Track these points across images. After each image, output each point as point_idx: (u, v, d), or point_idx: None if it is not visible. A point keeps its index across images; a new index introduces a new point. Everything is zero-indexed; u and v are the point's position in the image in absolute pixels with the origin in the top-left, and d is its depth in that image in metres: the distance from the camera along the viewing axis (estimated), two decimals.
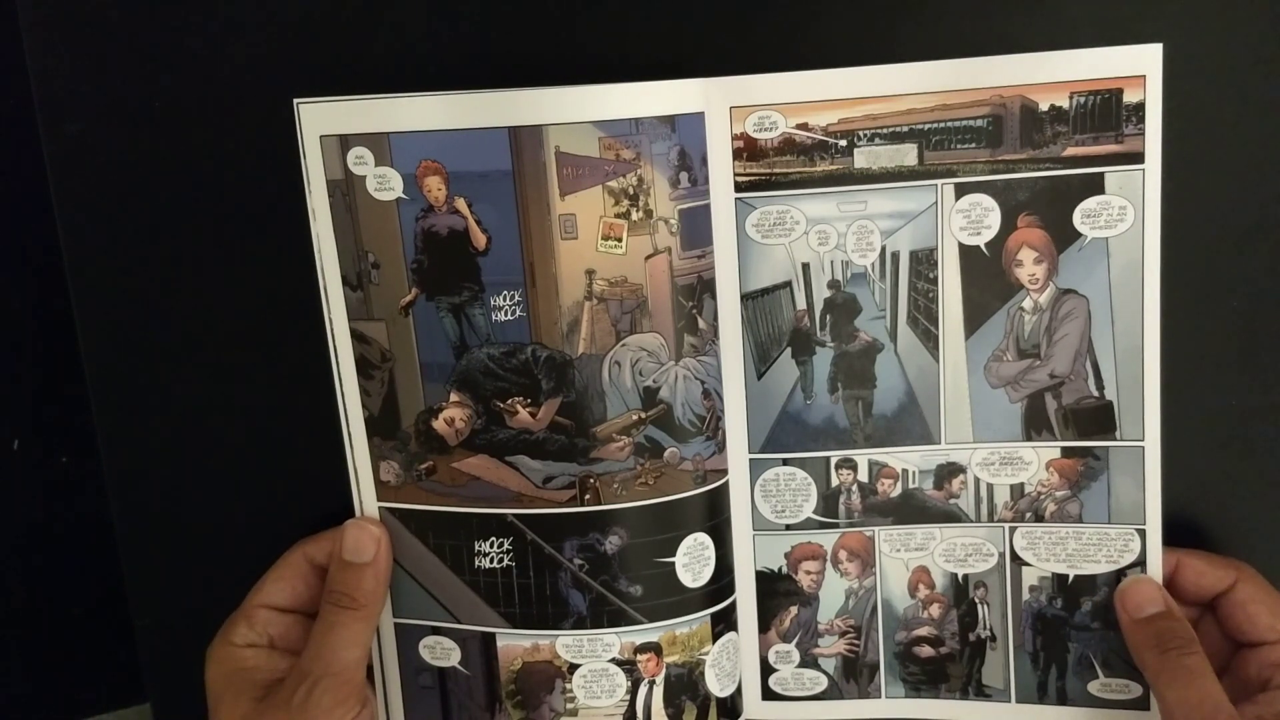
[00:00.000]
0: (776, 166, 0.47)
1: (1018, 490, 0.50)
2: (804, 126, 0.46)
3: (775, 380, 0.49)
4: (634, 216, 0.45)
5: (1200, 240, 0.48)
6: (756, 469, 0.50)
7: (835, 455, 0.50)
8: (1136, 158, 0.46)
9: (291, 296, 0.49)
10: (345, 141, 0.46)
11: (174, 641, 0.53)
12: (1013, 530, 0.50)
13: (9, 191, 0.58)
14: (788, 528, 0.51)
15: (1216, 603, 0.48)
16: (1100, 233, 0.46)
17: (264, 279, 0.50)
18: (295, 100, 0.46)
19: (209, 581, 0.51)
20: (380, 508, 0.49)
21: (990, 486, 0.50)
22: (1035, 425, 0.49)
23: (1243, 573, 0.48)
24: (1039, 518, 0.50)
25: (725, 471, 0.49)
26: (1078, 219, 0.46)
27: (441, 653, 0.50)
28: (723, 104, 0.46)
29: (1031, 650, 0.51)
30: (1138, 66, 0.45)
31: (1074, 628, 0.50)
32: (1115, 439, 0.48)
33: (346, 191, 0.46)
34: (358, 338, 0.48)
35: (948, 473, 0.50)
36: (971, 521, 0.50)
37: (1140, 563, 0.49)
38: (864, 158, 0.47)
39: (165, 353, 0.51)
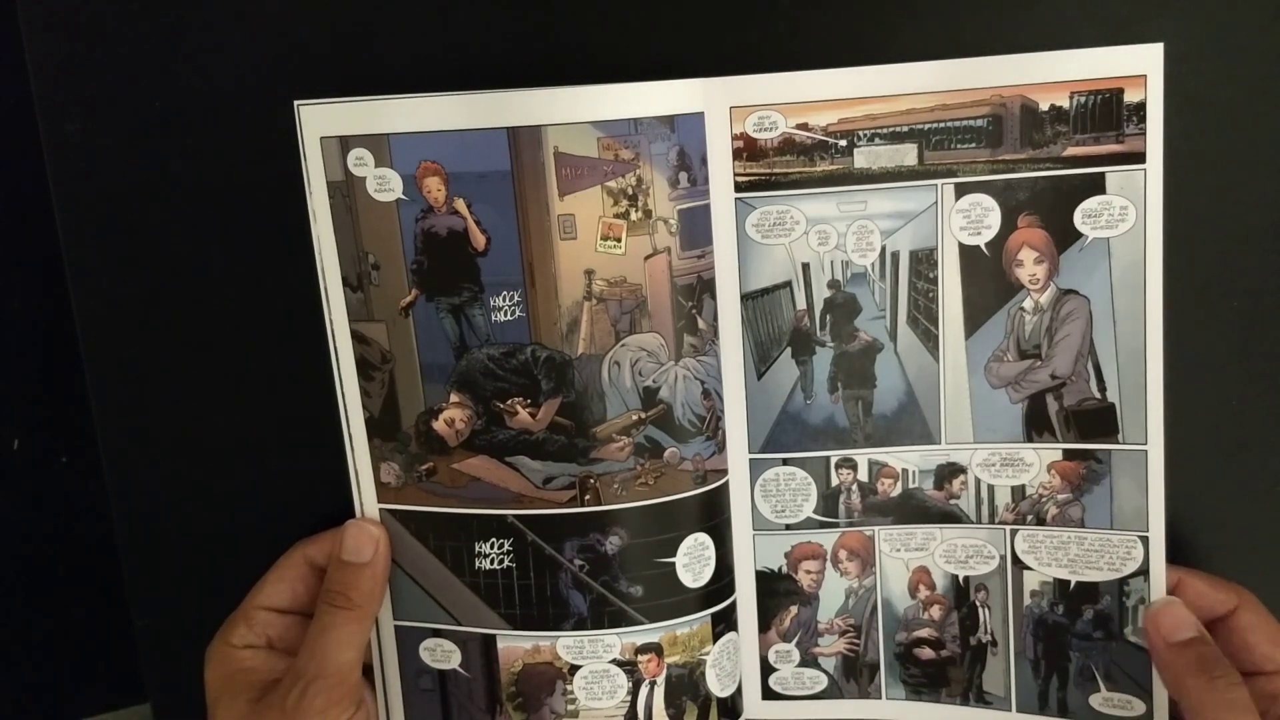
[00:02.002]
0: (776, 166, 0.47)
1: (1019, 492, 0.49)
2: (804, 126, 0.46)
3: (775, 380, 0.49)
4: (633, 217, 0.45)
5: (1202, 241, 0.47)
6: (756, 469, 0.50)
7: (835, 455, 0.50)
8: (1138, 158, 0.45)
9: (291, 297, 0.49)
10: (345, 143, 0.46)
11: (174, 641, 0.53)
12: (1014, 532, 0.50)
13: (9, 191, 0.58)
14: (787, 527, 0.51)
15: (1214, 627, 0.47)
16: (1101, 233, 0.46)
17: (264, 280, 0.50)
18: (295, 102, 0.46)
19: (209, 581, 0.51)
20: (380, 509, 0.49)
21: (991, 488, 0.49)
22: (1036, 426, 0.48)
23: (1243, 598, 0.47)
24: (1040, 521, 0.49)
25: (725, 471, 0.49)
26: (1078, 219, 0.46)
27: (442, 655, 0.50)
28: (723, 104, 0.46)
29: (1033, 657, 0.50)
30: (1138, 66, 0.45)
31: (1075, 636, 0.49)
32: (1117, 442, 0.48)
33: (347, 193, 0.46)
34: (358, 339, 0.48)
35: (948, 473, 0.49)
36: (972, 523, 0.50)
37: (1143, 571, 0.48)
38: (864, 158, 0.47)
39: (165, 353, 0.51)
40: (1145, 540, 0.48)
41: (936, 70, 0.45)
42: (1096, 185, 0.46)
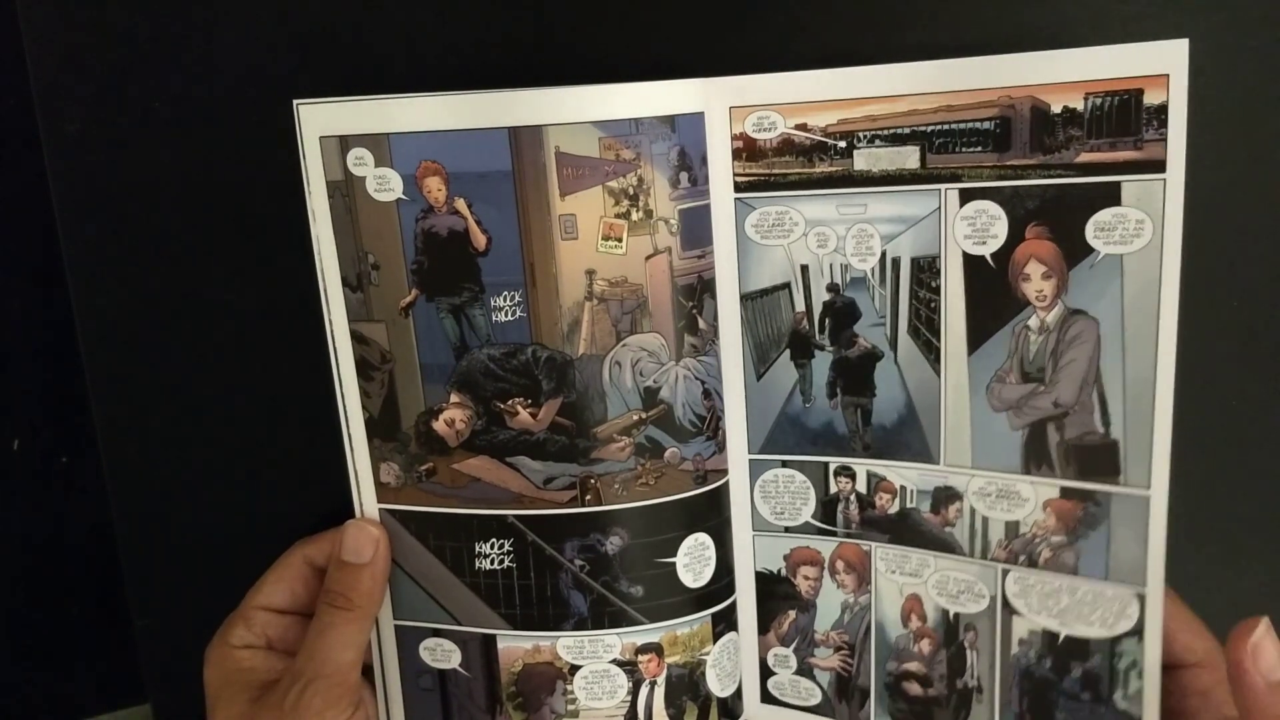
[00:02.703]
0: (775, 167, 0.47)
1: (1013, 528, 0.46)
2: (803, 127, 0.46)
3: (774, 381, 0.49)
4: (634, 216, 0.45)
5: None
6: (756, 469, 0.50)
7: (834, 462, 0.49)
8: (1157, 166, 0.41)
9: (291, 297, 0.49)
10: (345, 142, 0.46)
11: (174, 641, 0.53)
12: (1005, 572, 0.46)
13: (9, 191, 0.58)
14: (786, 530, 0.50)
15: None
16: (1115, 248, 0.42)
17: (264, 279, 0.50)
18: (295, 101, 0.46)
19: (209, 581, 0.51)
20: (380, 509, 0.49)
21: (986, 520, 0.46)
22: (1035, 457, 0.45)
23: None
24: (1032, 562, 0.45)
25: (725, 472, 0.49)
26: (1090, 232, 0.42)
27: (442, 655, 0.50)
28: (722, 104, 0.46)
29: (1018, 710, 0.47)
30: (1160, 65, 0.40)
31: (1063, 694, 0.46)
32: (1119, 484, 0.43)
33: (346, 192, 0.46)
34: (358, 339, 0.48)
35: (945, 497, 0.47)
36: (965, 555, 0.47)
37: (1138, 631, 0.44)
38: (864, 160, 0.45)
39: (165, 353, 0.51)
40: (1142, 598, 0.44)
41: (940, 70, 0.43)
42: (1111, 195, 0.42)
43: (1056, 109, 0.42)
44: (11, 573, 0.62)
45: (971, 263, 0.45)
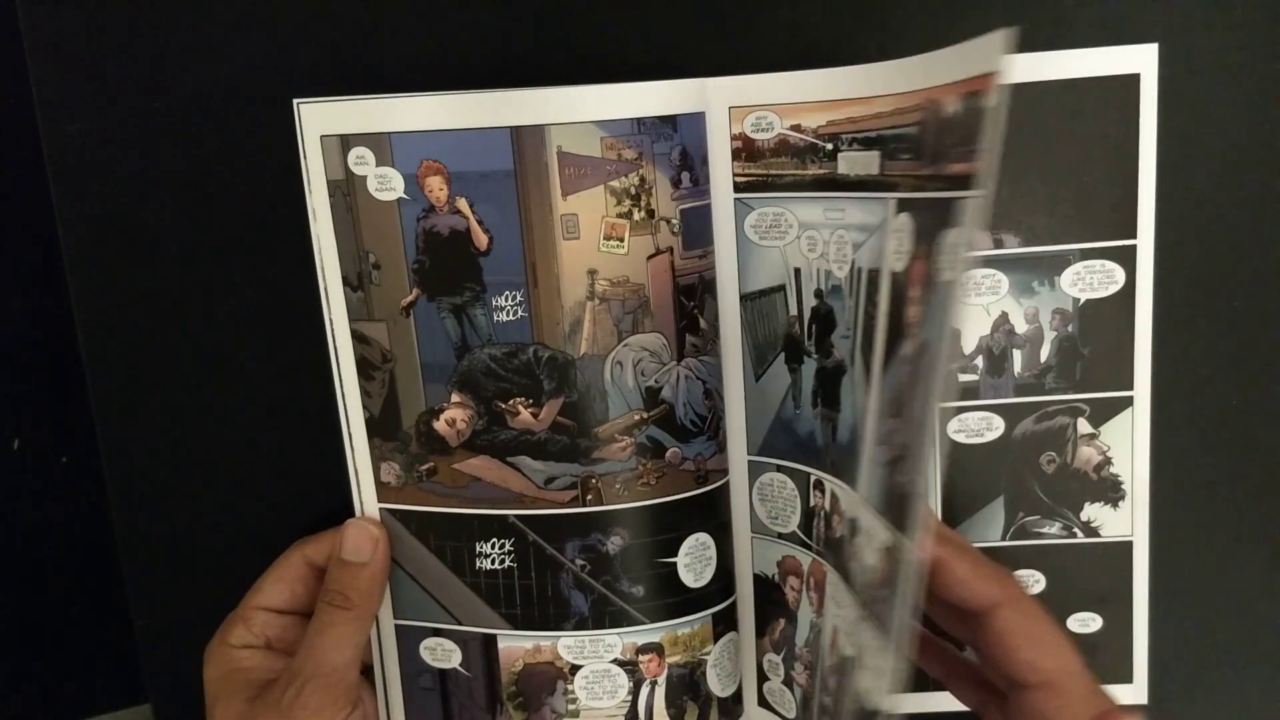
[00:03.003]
0: (772, 168, 0.46)
1: (867, 573, 0.40)
2: (797, 128, 0.45)
3: (771, 383, 0.49)
4: (636, 216, 0.45)
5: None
6: (755, 471, 0.50)
7: (814, 474, 0.48)
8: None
9: (291, 297, 0.49)
10: (346, 141, 0.46)
11: (174, 641, 0.53)
12: (863, 620, 0.40)
13: (9, 191, 0.58)
14: (779, 536, 0.50)
15: (969, 624, 0.40)
16: (948, 275, 0.35)
17: (264, 279, 0.50)
18: (295, 100, 0.46)
19: (209, 581, 0.51)
20: (381, 509, 0.49)
21: (863, 560, 0.41)
22: (884, 500, 0.39)
23: (1008, 593, 0.39)
24: (874, 614, 0.39)
25: (726, 472, 0.49)
26: (940, 255, 0.36)
27: (442, 654, 0.50)
28: (722, 104, 0.46)
29: None
30: (983, 64, 0.34)
31: None
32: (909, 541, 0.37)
33: (347, 192, 0.46)
34: (358, 338, 0.48)
35: (853, 528, 0.42)
36: (854, 594, 0.42)
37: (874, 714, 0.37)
38: (845, 163, 0.44)
39: (165, 353, 0.51)
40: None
41: (896, 70, 0.40)
42: (955, 213, 0.35)
43: (947, 113, 0.37)
44: (11, 573, 0.62)
45: (894, 279, 0.40)
